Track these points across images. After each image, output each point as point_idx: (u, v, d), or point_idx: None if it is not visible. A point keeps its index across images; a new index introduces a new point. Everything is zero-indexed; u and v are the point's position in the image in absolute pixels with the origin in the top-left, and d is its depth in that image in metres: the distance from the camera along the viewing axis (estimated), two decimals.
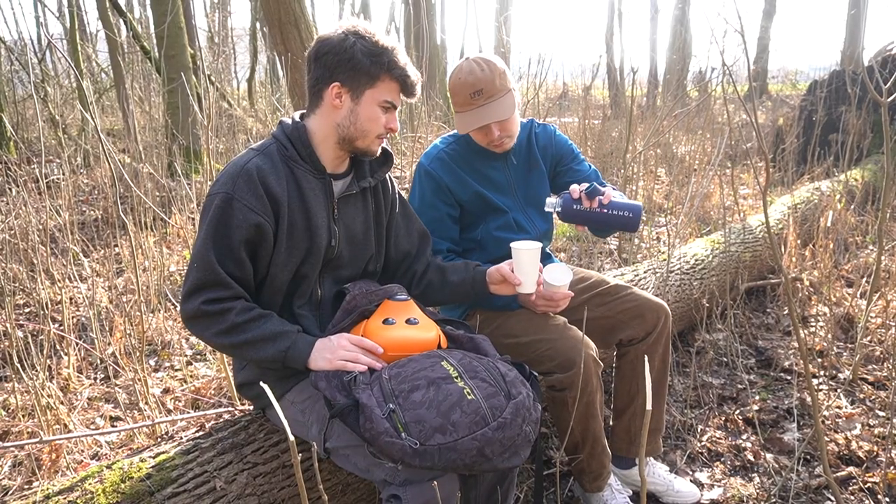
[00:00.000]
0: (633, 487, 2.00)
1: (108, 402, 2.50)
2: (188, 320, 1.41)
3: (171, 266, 3.86)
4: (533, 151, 2.02)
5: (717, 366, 2.84)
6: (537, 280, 1.66)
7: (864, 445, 2.22)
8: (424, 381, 1.28)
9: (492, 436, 1.22)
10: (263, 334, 1.39)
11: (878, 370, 2.73)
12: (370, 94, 1.45)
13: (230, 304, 1.39)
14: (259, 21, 12.50)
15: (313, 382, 1.38)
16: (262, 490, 1.46)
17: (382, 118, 1.48)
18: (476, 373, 1.32)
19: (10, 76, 8.68)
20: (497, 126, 1.82)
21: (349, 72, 1.43)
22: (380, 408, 1.24)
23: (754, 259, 3.43)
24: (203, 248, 1.38)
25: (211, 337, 1.40)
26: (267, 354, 1.39)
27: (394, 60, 1.45)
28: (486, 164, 1.95)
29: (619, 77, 9.48)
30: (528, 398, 1.30)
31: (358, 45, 1.42)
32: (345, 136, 1.49)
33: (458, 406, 1.24)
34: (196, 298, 1.38)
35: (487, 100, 1.78)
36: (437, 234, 1.89)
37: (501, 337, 1.83)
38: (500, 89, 1.78)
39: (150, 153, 5.42)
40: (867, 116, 5.74)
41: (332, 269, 1.58)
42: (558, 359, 1.71)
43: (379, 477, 1.31)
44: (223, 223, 1.38)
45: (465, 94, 1.78)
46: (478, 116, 1.79)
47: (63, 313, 2.85)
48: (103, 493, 1.30)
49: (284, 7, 4.67)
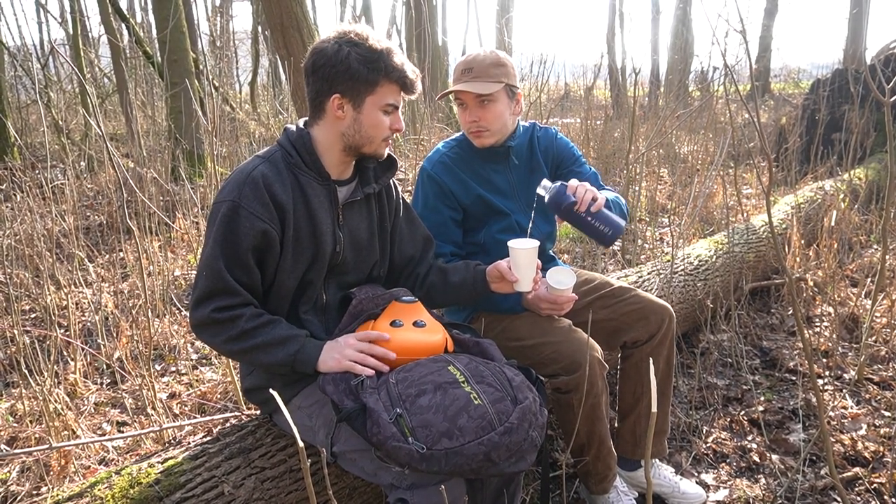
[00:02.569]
0: (638, 489, 2.00)
1: (114, 407, 2.51)
2: (198, 328, 1.42)
3: (176, 271, 3.87)
4: (535, 154, 2.03)
5: (721, 367, 2.84)
6: (534, 278, 1.66)
7: (870, 446, 2.22)
8: (431, 386, 1.28)
9: (498, 441, 1.22)
10: (273, 339, 1.40)
11: (883, 370, 2.73)
12: (371, 101, 1.46)
13: (240, 310, 1.40)
14: (261, 24, 12.53)
15: (321, 386, 1.38)
16: (270, 494, 1.47)
17: (386, 121, 1.49)
18: (483, 377, 1.32)
19: (13, 82, 8.73)
20: (473, 109, 1.84)
21: (347, 82, 1.43)
22: (387, 412, 1.25)
23: (758, 259, 3.43)
24: (211, 256, 1.39)
25: (221, 343, 1.41)
26: (276, 359, 1.40)
27: (390, 63, 1.44)
28: (488, 167, 1.96)
29: (621, 78, 9.48)
30: (535, 403, 1.31)
31: (353, 54, 1.41)
32: (351, 144, 1.50)
33: (465, 411, 1.24)
34: (206, 306, 1.39)
35: (474, 78, 1.81)
36: (440, 237, 1.90)
37: (506, 340, 1.83)
38: (491, 75, 1.81)
39: (153, 158, 5.44)
40: (870, 115, 5.73)
41: (337, 275, 1.58)
42: (563, 361, 1.71)
43: (386, 481, 1.32)
44: (230, 231, 1.39)
45: (460, 69, 1.85)
46: (457, 86, 1.83)
47: (69, 319, 2.86)
48: (112, 498, 1.31)
49: (286, 11, 4.67)
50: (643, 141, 6.29)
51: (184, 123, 5.84)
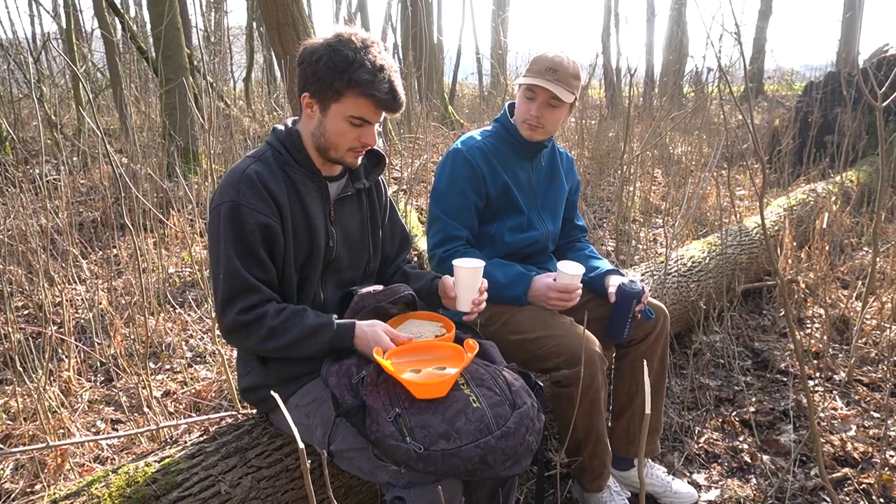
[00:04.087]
0: (631, 489, 2.02)
1: (108, 405, 2.51)
2: (229, 335, 1.44)
3: (171, 268, 3.86)
4: (556, 164, 2.14)
5: (713, 367, 2.87)
6: (474, 300, 1.61)
7: (860, 447, 2.24)
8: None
9: (495, 444, 1.23)
10: (304, 332, 1.41)
11: (872, 372, 2.76)
12: (336, 109, 1.44)
13: (263, 308, 1.40)
14: (255, 21, 12.48)
15: (324, 378, 1.40)
16: (267, 493, 1.48)
17: (352, 132, 1.46)
18: (482, 381, 1.33)
19: (5, 75, 8.66)
20: (541, 105, 1.90)
21: (315, 84, 1.43)
22: (386, 411, 1.26)
23: (750, 261, 3.45)
24: (225, 258, 1.39)
25: (255, 345, 1.42)
26: (313, 350, 1.42)
27: (357, 77, 1.38)
28: (517, 162, 2.03)
29: (616, 78, 9.50)
30: (533, 409, 1.32)
31: (325, 59, 1.39)
32: (319, 145, 1.51)
33: (464, 413, 1.25)
34: (231, 310, 1.39)
35: (555, 81, 1.87)
36: (459, 220, 1.94)
37: (508, 333, 1.86)
38: (570, 86, 1.89)
39: (147, 154, 5.42)
40: (863, 118, 5.78)
41: (333, 272, 1.59)
42: (565, 355, 1.73)
43: (383, 479, 1.33)
44: (237, 230, 1.39)
45: (544, 65, 1.88)
46: (538, 80, 1.87)
47: (63, 315, 2.85)
48: (109, 497, 1.31)
49: (282, 9, 4.66)
50: (637, 142, 6.31)
51: (178, 120, 5.82)
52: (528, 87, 1.91)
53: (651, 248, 4.29)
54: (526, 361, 1.81)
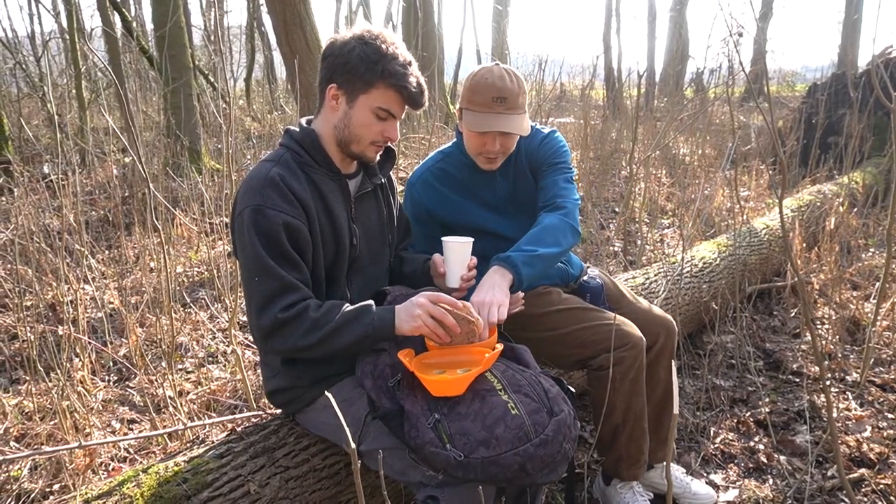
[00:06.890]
0: (651, 490, 2.02)
1: (122, 404, 2.50)
2: (270, 336, 1.37)
3: (178, 268, 3.85)
4: (520, 161, 1.99)
5: (726, 368, 2.87)
6: (463, 276, 1.60)
7: (875, 447, 2.25)
8: (469, 392, 1.29)
9: (534, 452, 1.23)
10: (345, 318, 1.37)
11: (885, 373, 2.77)
12: (364, 100, 1.44)
13: (304, 303, 1.37)
14: (256, 20, 12.46)
15: (359, 380, 1.39)
16: (295, 493, 1.47)
17: (377, 126, 1.47)
18: (519, 387, 1.33)
19: (6, 74, 8.63)
20: (502, 139, 1.81)
21: (345, 74, 1.43)
22: (424, 416, 1.26)
23: (760, 262, 3.46)
24: (259, 261, 1.36)
25: (298, 340, 1.36)
26: (356, 335, 1.36)
27: (390, 69, 1.41)
28: (476, 178, 1.95)
29: (618, 79, 9.52)
30: (569, 416, 1.32)
31: (357, 50, 1.41)
32: (341, 139, 1.49)
33: (503, 420, 1.25)
34: (271, 310, 1.35)
35: (508, 110, 1.77)
36: (416, 247, 1.93)
37: (536, 332, 1.86)
38: (520, 106, 1.79)
39: (151, 153, 5.40)
40: (867, 119, 5.80)
41: (357, 270, 1.59)
42: (605, 340, 1.74)
43: (415, 479, 1.33)
44: (264, 232, 1.37)
45: (489, 95, 1.75)
46: (494, 121, 1.77)
47: (77, 314, 2.84)
48: (142, 497, 1.31)
49: (290, 8, 4.66)
50: (640, 142, 6.32)
51: (182, 119, 5.81)
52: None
53: (658, 249, 4.29)
54: (561, 356, 1.83)
